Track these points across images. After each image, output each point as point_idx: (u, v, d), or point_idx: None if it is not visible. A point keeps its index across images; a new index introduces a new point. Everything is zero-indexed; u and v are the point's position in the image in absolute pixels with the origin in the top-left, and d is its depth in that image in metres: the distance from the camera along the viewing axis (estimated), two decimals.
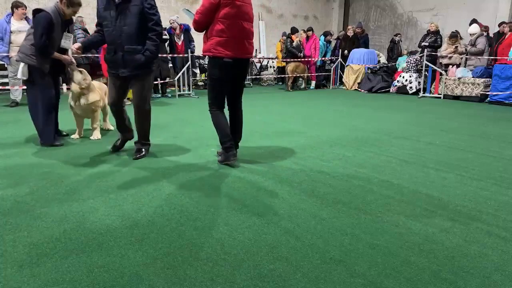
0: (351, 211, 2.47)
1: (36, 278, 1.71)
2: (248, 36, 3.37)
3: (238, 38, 3.29)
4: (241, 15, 3.26)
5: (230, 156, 3.43)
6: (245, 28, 3.32)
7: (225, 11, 3.18)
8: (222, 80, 3.42)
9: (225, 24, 3.21)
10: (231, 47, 3.26)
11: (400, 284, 1.69)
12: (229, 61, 3.28)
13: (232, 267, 1.82)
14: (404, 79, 10.11)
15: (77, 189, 2.81)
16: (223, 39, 3.23)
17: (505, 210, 2.52)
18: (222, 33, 3.22)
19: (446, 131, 5.14)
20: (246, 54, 3.40)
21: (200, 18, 3.26)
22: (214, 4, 3.17)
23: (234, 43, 3.27)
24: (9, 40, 6.73)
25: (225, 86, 3.47)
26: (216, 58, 3.30)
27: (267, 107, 7.37)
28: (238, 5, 3.21)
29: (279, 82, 12.70)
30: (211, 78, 3.49)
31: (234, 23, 3.23)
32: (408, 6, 14.12)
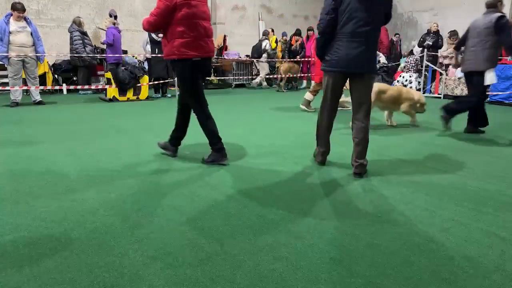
0: (351, 211, 2.47)
1: (36, 278, 1.71)
2: (208, 34, 3.40)
3: (201, 38, 3.29)
4: (199, 15, 3.27)
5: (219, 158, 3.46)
6: (205, 27, 3.34)
7: (183, 12, 3.17)
8: (196, 80, 3.41)
9: (185, 25, 3.20)
10: (195, 48, 3.26)
11: (400, 284, 1.69)
12: (198, 60, 3.30)
13: (232, 267, 1.82)
14: (404, 79, 10.11)
15: (77, 189, 2.81)
16: (186, 40, 3.22)
17: (505, 210, 2.52)
18: (184, 34, 3.21)
19: (445, 131, 5.13)
20: (209, 53, 3.41)
21: (156, 20, 3.24)
22: (170, 6, 3.15)
23: (198, 43, 3.27)
24: (8, 40, 6.73)
25: (200, 85, 3.47)
26: (183, 60, 3.29)
27: (266, 107, 7.38)
28: (195, 4, 3.22)
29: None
30: (183, 83, 3.43)
31: (194, 23, 3.23)
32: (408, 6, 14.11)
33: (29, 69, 7.06)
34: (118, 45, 9.00)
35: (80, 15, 10.07)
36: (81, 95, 9.25)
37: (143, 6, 12.11)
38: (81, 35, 9.14)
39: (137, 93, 8.28)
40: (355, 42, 3.02)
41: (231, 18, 14.03)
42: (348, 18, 2.99)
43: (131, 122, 5.58)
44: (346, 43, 3.03)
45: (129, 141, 4.35)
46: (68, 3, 10.68)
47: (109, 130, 5.01)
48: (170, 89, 9.47)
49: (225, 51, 12.00)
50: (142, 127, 5.26)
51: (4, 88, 7.48)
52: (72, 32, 9.13)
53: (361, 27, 2.98)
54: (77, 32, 9.09)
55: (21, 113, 6.36)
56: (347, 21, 3.00)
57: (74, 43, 9.06)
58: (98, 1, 11.22)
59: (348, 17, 2.99)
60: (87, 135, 4.65)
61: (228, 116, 6.31)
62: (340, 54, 3.06)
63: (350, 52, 3.03)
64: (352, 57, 3.03)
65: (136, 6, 12.02)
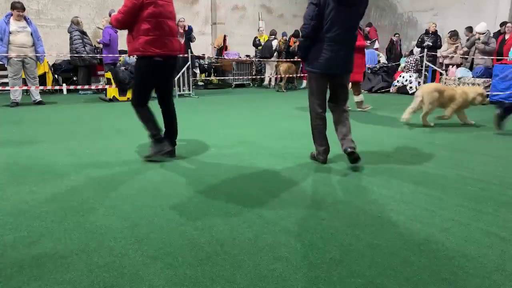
0: (351, 211, 2.47)
1: (36, 278, 1.71)
2: (173, 33, 3.48)
3: (165, 36, 3.37)
4: (165, 14, 3.36)
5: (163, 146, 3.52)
6: (170, 26, 3.43)
7: (150, 11, 3.25)
8: (150, 78, 3.48)
9: (151, 23, 3.28)
10: (159, 45, 3.34)
11: (400, 284, 1.69)
12: (160, 59, 3.37)
13: (232, 267, 1.82)
14: (404, 79, 10.12)
15: (77, 189, 2.81)
16: (151, 37, 3.30)
17: (505, 210, 2.52)
18: (149, 32, 3.29)
19: (445, 131, 5.14)
20: (173, 51, 3.49)
21: (123, 18, 3.32)
22: (137, 4, 3.23)
23: (162, 41, 3.35)
24: (8, 40, 6.73)
25: (152, 84, 3.54)
26: (146, 57, 3.36)
27: (266, 107, 7.37)
28: (162, 4, 3.32)
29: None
30: (138, 77, 3.55)
31: (159, 22, 3.31)
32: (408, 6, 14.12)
33: (29, 69, 7.06)
34: (114, 45, 8.98)
35: (80, 15, 10.08)
36: (81, 95, 9.25)
37: None
38: (81, 34, 9.14)
39: None
40: (337, 47, 3.24)
41: (231, 18, 14.04)
42: (330, 25, 3.19)
43: (131, 122, 5.57)
44: (329, 47, 3.24)
45: (129, 141, 4.35)
46: (68, 3, 10.68)
47: (109, 130, 5.01)
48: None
49: (225, 51, 12.00)
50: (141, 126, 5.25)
51: (4, 88, 7.49)
52: (71, 32, 9.13)
53: (342, 33, 3.22)
54: (76, 32, 9.09)
55: (21, 113, 6.36)
56: (329, 28, 3.20)
57: (74, 42, 9.06)
58: (98, 1, 11.22)
59: (330, 24, 3.19)
60: (87, 135, 4.65)
61: (228, 116, 6.31)
62: (325, 57, 3.27)
63: (333, 56, 3.26)
64: (335, 60, 3.28)
65: None
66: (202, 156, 3.75)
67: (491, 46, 8.93)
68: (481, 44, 8.98)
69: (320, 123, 3.53)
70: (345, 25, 3.20)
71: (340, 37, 3.22)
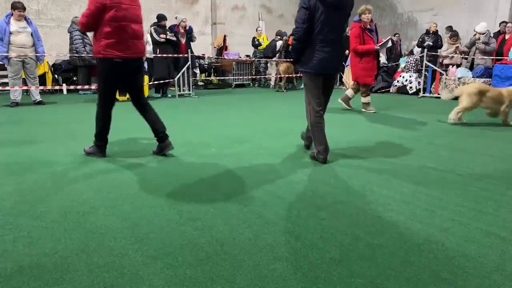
0: (351, 211, 2.47)
1: (36, 278, 1.71)
2: (137, 37, 3.52)
3: (127, 40, 3.41)
4: (128, 18, 3.39)
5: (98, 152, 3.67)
6: (134, 30, 3.45)
7: (112, 14, 3.29)
8: (112, 80, 3.54)
9: (112, 27, 3.32)
10: (120, 48, 3.38)
11: (400, 284, 1.69)
12: (119, 61, 3.40)
13: (232, 267, 1.82)
14: (404, 79, 10.11)
15: (77, 189, 2.81)
16: (112, 41, 3.34)
17: (505, 210, 2.52)
18: (110, 35, 3.33)
19: (445, 131, 5.14)
20: (137, 53, 3.53)
21: (87, 21, 3.37)
22: (100, 7, 3.27)
23: (123, 44, 3.39)
24: (8, 40, 6.73)
25: (115, 86, 3.62)
26: (106, 59, 3.40)
27: (266, 107, 7.37)
28: (125, 7, 3.35)
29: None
30: (99, 78, 3.60)
31: (122, 26, 3.35)
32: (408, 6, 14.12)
33: (29, 69, 7.06)
34: None
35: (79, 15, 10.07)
36: (81, 95, 9.25)
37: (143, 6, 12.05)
38: (81, 34, 9.14)
39: None
40: (329, 47, 3.41)
41: (231, 18, 14.04)
42: (321, 27, 3.35)
43: (131, 122, 5.58)
44: (322, 48, 3.40)
45: (129, 141, 4.35)
46: (68, 3, 10.68)
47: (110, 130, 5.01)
48: (170, 89, 9.47)
49: (225, 51, 12.01)
50: (141, 127, 5.25)
51: (4, 88, 7.49)
52: (72, 32, 9.13)
53: (332, 34, 3.40)
54: (77, 31, 9.09)
55: (21, 113, 6.36)
56: (320, 30, 3.36)
57: (74, 42, 9.06)
58: None
59: (321, 27, 3.35)
60: (87, 135, 4.63)
61: (228, 116, 6.31)
62: (318, 58, 3.42)
63: (326, 57, 3.42)
64: (328, 61, 3.44)
65: None
66: (202, 156, 3.75)
67: (491, 46, 8.92)
68: (482, 44, 8.97)
69: (319, 121, 3.58)
70: (335, 26, 3.38)
71: (331, 38, 3.39)
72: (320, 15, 3.30)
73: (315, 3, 3.28)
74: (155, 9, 12.06)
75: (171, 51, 8.78)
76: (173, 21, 9.44)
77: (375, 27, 6.74)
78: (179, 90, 9.07)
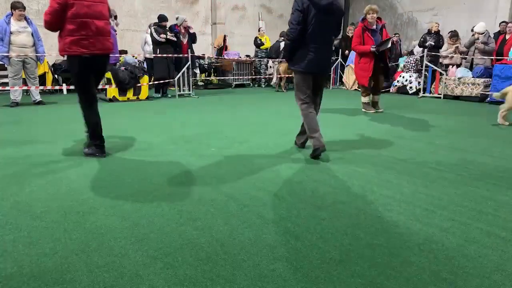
0: (351, 211, 2.47)
1: (36, 278, 1.71)
2: (102, 33, 3.51)
3: (91, 36, 3.42)
4: (92, 14, 3.41)
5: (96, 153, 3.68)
6: (98, 26, 3.46)
7: (74, 11, 3.31)
8: (85, 76, 3.57)
9: (75, 24, 3.34)
10: (84, 45, 3.40)
11: (400, 284, 1.69)
12: (86, 57, 3.44)
13: (232, 267, 1.82)
14: (404, 79, 10.12)
15: (77, 189, 2.81)
16: (76, 38, 3.36)
17: (505, 210, 2.52)
18: (74, 32, 3.35)
19: (445, 131, 5.14)
20: (102, 50, 3.54)
21: (50, 19, 3.37)
22: (61, 4, 3.28)
23: (87, 41, 3.41)
24: (8, 40, 6.73)
25: (89, 80, 3.63)
26: (72, 57, 3.45)
27: (265, 107, 7.38)
28: (87, 4, 3.37)
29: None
30: (73, 76, 3.67)
31: (85, 22, 3.37)
32: (408, 6, 14.11)
33: (29, 69, 7.06)
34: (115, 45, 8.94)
35: None
36: None
37: (143, 6, 12.11)
38: None
39: (137, 93, 8.28)
40: (318, 49, 3.62)
41: (231, 18, 14.04)
42: (312, 29, 3.54)
43: (131, 122, 5.58)
44: (313, 49, 3.61)
45: (129, 141, 4.35)
46: None
47: (108, 130, 5.01)
48: (170, 89, 9.47)
49: (225, 51, 12.00)
50: (142, 127, 5.27)
51: (4, 88, 7.48)
52: None
53: (322, 37, 3.61)
54: None
55: (21, 113, 6.36)
56: (312, 32, 3.56)
57: None
58: None
59: (312, 29, 3.54)
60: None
61: (228, 116, 6.31)
62: (309, 58, 3.62)
63: (316, 57, 3.63)
64: (317, 61, 3.65)
65: (136, 6, 12.03)
66: (202, 156, 3.75)
67: (490, 46, 8.92)
68: (481, 44, 8.97)
69: (308, 108, 3.76)
70: (324, 29, 3.59)
71: (320, 40, 3.61)
72: (312, 18, 3.50)
73: (308, 6, 3.48)
74: (155, 9, 12.06)
75: (171, 51, 8.78)
76: (173, 21, 9.43)
77: (383, 27, 6.58)
78: (179, 90, 9.07)
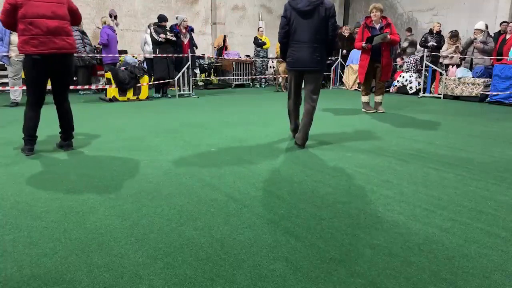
0: (351, 211, 2.47)
1: (36, 278, 1.71)
2: (54, 33, 3.53)
3: (41, 36, 3.46)
4: (42, 14, 3.46)
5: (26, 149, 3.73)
6: (49, 26, 3.49)
7: (23, 11, 3.41)
8: (37, 75, 3.62)
9: (24, 24, 3.43)
10: (34, 44, 3.45)
11: (400, 284, 1.69)
12: (37, 57, 3.48)
13: (232, 267, 1.82)
14: (404, 79, 10.12)
15: (77, 189, 2.81)
16: (26, 37, 3.45)
17: (505, 210, 2.52)
18: (25, 31, 3.45)
19: (445, 131, 5.14)
20: (54, 50, 3.55)
21: (4, 19, 3.51)
22: (12, 4, 3.40)
23: (37, 40, 3.45)
24: (8, 40, 6.73)
25: (41, 80, 3.67)
26: (26, 56, 3.53)
27: (265, 107, 7.38)
28: (37, 5, 3.43)
29: None
30: (25, 75, 3.72)
31: (33, 22, 3.42)
32: (408, 6, 14.11)
33: None
34: (113, 45, 8.92)
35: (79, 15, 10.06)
36: (81, 95, 9.25)
37: (143, 6, 12.11)
38: (81, 34, 9.13)
39: (137, 93, 8.27)
40: (301, 48, 4.00)
41: (231, 18, 14.03)
42: (294, 31, 4.01)
43: (131, 122, 5.58)
44: (296, 48, 4.04)
45: (129, 141, 4.35)
46: None
47: (108, 130, 5.01)
48: (170, 89, 9.47)
49: (225, 51, 12.00)
50: (142, 127, 5.26)
51: (4, 88, 7.48)
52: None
53: (303, 37, 3.96)
54: (76, 31, 9.08)
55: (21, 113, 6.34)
56: (293, 34, 4.02)
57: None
58: (98, 1, 11.22)
59: (294, 31, 4.01)
60: (86, 135, 4.65)
61: (228, 116, 6.31)
62: (293, 56, 4.08)
63: (298, 56, 4.03)
64: (300, 58, 4.03)
65: (136, 6, 12.02)
66: (203, 156, 3.75)
67: (489, 45, 8.92)
68: (480, 44, 8.97)
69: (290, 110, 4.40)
70: (305, 31, 3.94)
71: (302, 40, 3.97)
72: (293, 21, 3.98)
73: (290, 12, 3.99)
74: (155, 9, 12.07)
75: (171, 51, 8.78)
76: (173, 21, 9.43)
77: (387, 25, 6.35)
78: (179, 90, 9.07)
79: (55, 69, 3.68)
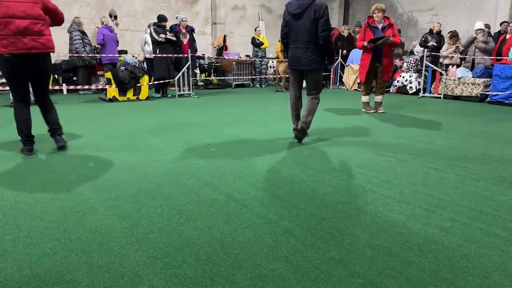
0: (351, 211, 2.47)
1: (36, 278, 1.71)
2: (24, 33, 3.50)
3: (10, 36, 3.46)
4: (11, 14, 3.44)
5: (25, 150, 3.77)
6: (19, 26, 3.47)
7: None
8: (13, 75, 3.66)
9: None
10: (4, 44, 3.45)
11: (400, 284, 1.69)
12: (8, 56, 3.49)
13: (232, 267, 1.82)
14: (404, 79, 10.12)
15: (77, 189, 2.81)
16: None
17: (505, 210, 2.52)
18: None
19: (445, 131, 5.14)
20: (26, 50, 3.54)
21: None
22: None
23: (6, 40, 3.45)
24: None
25: (18, 80, 3.71)
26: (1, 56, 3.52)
27: (265, 107, 7.38)
28: (7, 5, 3.43)
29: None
30: (3, 75, 3.72)
31: (5, 22, 3.42)
32: (408, 6, 14.11)
33: None
34: (110, 45, 8.88)
35: (80, 15, 10.08)
36: (81, 95, 9.25)
37: (143, 6, 12.11)
38: (81, 34, 9.14)
39: (137, 93, 8.28)
40: (296, 48, 4.25)
41: (231, 18, 14.03)
42: (290, 32, 4.29)
43: (131, 122, 5.58)
44: (292, 49, 4.31)
45: (129, 141, 4.35)
46: (68, 3, 10.67)
47: (108, 130, 5.01)
48: (170, 89, 9.47)
49: (225, 51, 12.00)
50: (142, 127, 5.26)
51: (4, 88, 7.48)
52: (71, 32, 9.13)
53: (298, 37, 4.20)
54: (77, 32, 9.09)
55: None
56: (290, 34, 4.29)
57: (74, 42, 9.06)
58: (98, 1, 11.22)
59: (290, 32, 4.28)
60: (86, 135, 4.65)
61: (228, 116, 6.31)
62: (290, 55, 4.36)
63: (294, 55, 4.30)
64: (295, 57, 4.28)
65: (136, 6, 12.02)
66: (203, 156, 3.75)
67: (490, 45, 8.91)
68: (481, 43, 8.96)
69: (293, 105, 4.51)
70: (298, 31, 4.17)
71: (296, 40, 4.22)
72: (289, 23, 4.25)
73: (287, 15, 4.25)
74: (155, 9, 12.06)
75: (171, 51, 8.78)
76: (173, 21, 9.43)
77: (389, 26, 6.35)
78: (179, 90, 9.07)
79: (30, 70, 3.68)
